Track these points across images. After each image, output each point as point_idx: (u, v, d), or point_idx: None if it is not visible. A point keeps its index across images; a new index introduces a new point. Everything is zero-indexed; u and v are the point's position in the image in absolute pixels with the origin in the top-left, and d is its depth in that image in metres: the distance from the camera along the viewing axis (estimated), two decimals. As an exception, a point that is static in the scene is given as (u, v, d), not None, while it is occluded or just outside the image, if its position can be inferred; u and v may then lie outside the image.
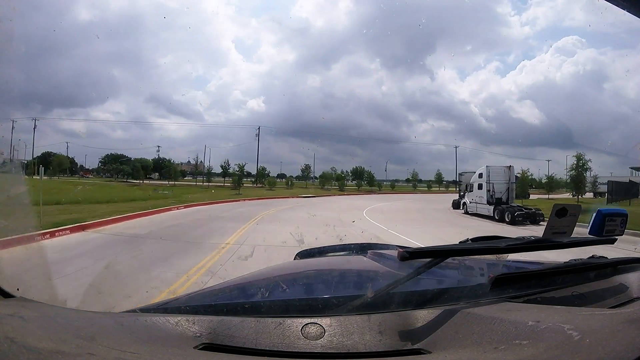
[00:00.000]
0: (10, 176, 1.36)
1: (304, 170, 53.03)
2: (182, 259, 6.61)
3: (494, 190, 17.01)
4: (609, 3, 1.15)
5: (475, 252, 1.04)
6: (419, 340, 0.70)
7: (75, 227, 9.44)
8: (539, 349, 0.58)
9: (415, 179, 58.24)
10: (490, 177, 17.22)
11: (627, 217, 1.12)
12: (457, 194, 22.41)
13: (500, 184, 17.09)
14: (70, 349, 0.58)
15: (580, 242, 1.08)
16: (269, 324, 0.74)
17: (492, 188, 17.03)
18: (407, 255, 0.84)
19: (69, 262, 5.96)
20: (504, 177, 17.31)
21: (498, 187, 17.02)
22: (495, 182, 17.14)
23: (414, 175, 58.58)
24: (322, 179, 50.43)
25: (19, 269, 1.15)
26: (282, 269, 1.55)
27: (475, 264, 1.24)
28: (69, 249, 7.30)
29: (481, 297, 0.89)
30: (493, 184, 17.05)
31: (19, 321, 0.69)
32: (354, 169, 55.80)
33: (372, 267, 1.38)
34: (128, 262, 6.22)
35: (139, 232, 9.87)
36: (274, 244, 7.99)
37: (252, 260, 6.61)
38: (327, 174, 51.04)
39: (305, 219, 13.92)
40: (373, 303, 0.82)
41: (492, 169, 17.52)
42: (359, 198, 33.76)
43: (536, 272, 1.03)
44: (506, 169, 17.65)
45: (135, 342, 0.65)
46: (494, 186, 17.03)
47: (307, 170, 53.30)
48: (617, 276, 1.08)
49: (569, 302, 0.89)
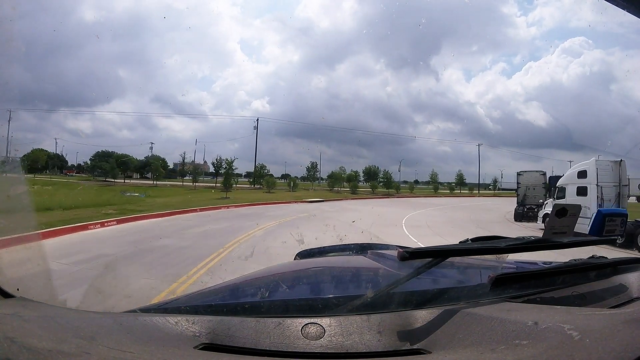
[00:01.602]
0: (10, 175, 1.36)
1: (309, 170, 46.79)
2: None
3: (603, 198, 11.85)
4: (609, 3, 1.15)
5: (475, 252, 1.04)
6: (418, 340, 0.70)
7: None
8: (539, 349, 0.58)
9: (435, 180, 52.63)
10: (599, 177, 12.10)
11: (627, 218, 1.12)
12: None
13: (608, 187, 12.04)
14: (70, 349, 0.58)
15: (580, 242, 1.08)
16: (269, 324, 0.74)
17: (601, 193, 11.88)
18: (407, 255, 0.84)
19: None
20: (613, 177, 12.21)
21: (606, 192, 12.01)
22: (604, 184, 12.10)
23: (433, 177, 52.92)
24: (331, 179, 44.83)
25: (19, 269, 1.14)
26: (282, 269, 1.55)
27: (475, 264, 1.24)
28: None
29: (481, 297, 0.89)
30: (602, 187, 11.97)
31: (19, 321, 0.69)
32: (367, 168, 50.35)
33: (372, 267, 1.37)
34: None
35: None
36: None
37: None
38: (336, 174, 45.29)
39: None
40: (373, 303, 0.82)
41: (601, 165, 12.31)
42: (378, 203, 28.30)
43: (536, 272, 1.03)
44: (615, 164, 12.39)
45: (135, 342, 0.65)
46: (602, 190, 11.93)
47: (313, 169, 46.97)
48: (617, 276, 1.08)
49: (569, 302, 0.89)
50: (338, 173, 45.74)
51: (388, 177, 48.93)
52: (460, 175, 53.54)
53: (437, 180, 52.94)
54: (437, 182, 52.61)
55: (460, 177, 53.75)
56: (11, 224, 1.21)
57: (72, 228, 10.56)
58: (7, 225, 1.16)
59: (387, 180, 48.71)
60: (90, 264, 6.78)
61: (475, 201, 32.55)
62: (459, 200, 36.14)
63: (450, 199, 38.40)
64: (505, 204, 23.36)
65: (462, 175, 53.57)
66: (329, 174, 47.74)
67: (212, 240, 9.61)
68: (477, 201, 30.73)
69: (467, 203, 31.67)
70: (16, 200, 1.19)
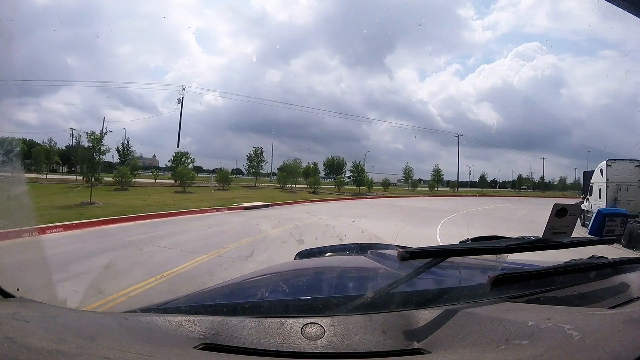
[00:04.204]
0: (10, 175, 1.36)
1: (251, 159, 32.92)
2: None
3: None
4: (608, 3, 1.15)
5: (475, 252, 1.04)
6: (419, 340, 0.70)
7: None
8: (539, 349, 0.58)
9: (409, 176, 43.31)
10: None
11: (627, 218, 1.12)
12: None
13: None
14: (70, 349, 0.58)
15: (580, 242, 1.08)
16: (269, 324, 0.74)
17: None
18: (407, 255, 0.84)
19: None
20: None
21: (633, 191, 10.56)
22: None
23: (407, 172, 43.29)
24: (283, 173, 31.97)
25: (19, 269, 1.14)
26: (282, 268, 1.55)
27: (475, 264, 1.24)
28: None
29: (481, 297, 0.89)
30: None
31: (19, 321, 0.69)
32: (329, 160, 39.14)
33: (372, 267, 1.38)
34: None
35: None
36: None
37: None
38: (289, 166, 32.91)
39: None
40: (373, 303, 0.82)
41: None
42: (354, 208, 19.00)
43: (536, 272, 1.03)
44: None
45: (135, 342, 0.65)
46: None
47: (258, 159, 32.92)
48: (617, 276, 1.08)
49: (569, 302, 0.90)
50: (292, 164, 33.29)
51: (359, 170, 36.31)
52: (437, 172, 45.25)
53: (412, 176, 43.72)
54: (412, 179, 43.71)
55: (437, 174, 45.26)
56: (11, 224, 1.21)
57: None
58: (7, 226, 1.16)
59: (359, 174, 36.16)
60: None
61: (481, 203, 24.58)
62: (457, 202, 27.44)
63: (442, 200, 29.45)
64: (536, 208, 18.86)
65: (439, 171, 45.40)
66: (281, 165, 35.18)
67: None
68: (484, 203, 24.35)
69: (475, 206, 23.25)
70: (16, 200, 1.19)
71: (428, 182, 45.29)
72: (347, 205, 21.33)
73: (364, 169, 36.34)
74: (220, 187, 27.13)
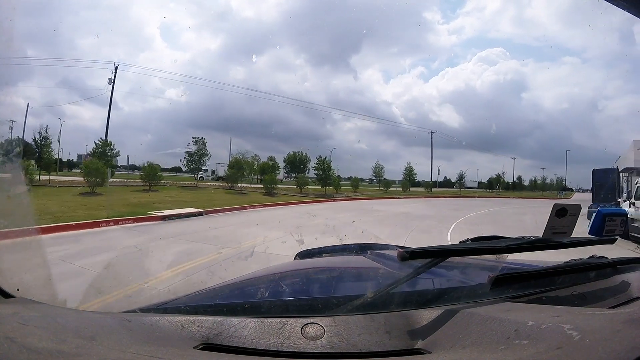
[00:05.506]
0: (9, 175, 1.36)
1: (191, 155, 26.98)
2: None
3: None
4: (608, 3, 1.15)
5: (475, 252, 1.04)
6: (419, 340, 0.70)
7: None
8: (539, 349, 0.58)
9: (379, 175, 38.65)
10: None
11: (627, 218, 1.12)
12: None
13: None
14: (70, 349, 0.58)
15: (580, 242, 1.08)
16: (269, 324, 0.74)
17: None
18: (407, 255, 0.84)
19: None
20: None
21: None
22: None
23: (377, 171, 38.48)
24: (232, 171, 25.93)
25: (19, 269, 1.14)
26: (282, 269, 1.55)
27: (475, 264, 1.24)
28: None
29: (481, 297, 0.89)
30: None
31: (19, 321, 0.69)
32: (290, 155, 35.05)
33: (372, 267, 1.37)
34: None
35: None
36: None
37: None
38: (240, 162, 27.37)
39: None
40: (373, 303, 0.82)
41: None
42: (320, 213, 14.70)
43: (536, 272, 1.03)
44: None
45: (135, 342, 0.65)
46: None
47: (199, 154, 26.99)
48: (617, 276, 1.09)
49: (569, 302, 0.90)
50: (243, 160, 27.80)
51: (325, 167, 30.00)
52: (409, 170, 40.88)
53: (382, 176, 38.86)
54: (383, 179, 38.82)
55: (409, 172, 40.88)
56: (11, 224, 1.21)
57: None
58: (6, 226, 1.16)
59: (324, 172, 29.87)
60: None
61: (476, 206, 21.05)
62: (441, 205, 23.31)
63: (423, 203, 25.05)
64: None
65: (411, 169, 41.06)
66: (231, 160, 29.32)
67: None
68: (475, 206, 20.95)
69: (469, 210, 18.69)
70: (16, 200, 1.19)
71: (401, 182, 40.52)
72: (311, 210, 16.27)
73: (330, 166, 30.60)
74: (146, 187, 21.28)
